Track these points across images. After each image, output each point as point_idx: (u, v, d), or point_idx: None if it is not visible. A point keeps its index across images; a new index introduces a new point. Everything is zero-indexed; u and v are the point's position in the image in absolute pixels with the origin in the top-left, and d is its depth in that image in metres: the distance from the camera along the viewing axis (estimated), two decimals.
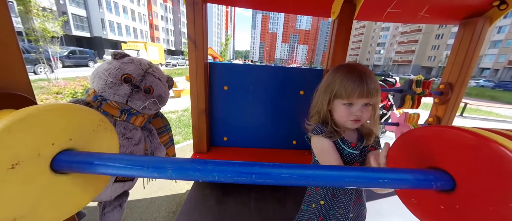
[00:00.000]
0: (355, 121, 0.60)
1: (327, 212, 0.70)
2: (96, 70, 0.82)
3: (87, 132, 0.33)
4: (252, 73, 1.49)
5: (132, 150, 0.87)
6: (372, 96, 0.57)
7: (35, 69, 8.67)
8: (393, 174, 0.28)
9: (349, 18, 1.38)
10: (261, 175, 0.27)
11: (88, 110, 0.34)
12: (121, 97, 0.79)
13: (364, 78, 0.56)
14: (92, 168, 0.28)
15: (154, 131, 1.01)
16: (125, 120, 0.84)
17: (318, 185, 0.28)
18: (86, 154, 0.30)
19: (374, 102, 0.60)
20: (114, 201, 0.97)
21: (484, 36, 1.52)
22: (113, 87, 0.77)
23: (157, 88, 0.89)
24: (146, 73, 0.86)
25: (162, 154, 1.04)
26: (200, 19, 1.26)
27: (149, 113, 0.92)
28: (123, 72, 0.80)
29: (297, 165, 0.29)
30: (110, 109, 0.80)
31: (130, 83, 0.81)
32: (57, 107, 0.29)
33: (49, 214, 0.27)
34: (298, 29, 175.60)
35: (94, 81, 0.80)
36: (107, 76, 0.77)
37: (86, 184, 0.32)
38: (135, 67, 0.83)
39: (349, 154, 0.64)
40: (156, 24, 43.50)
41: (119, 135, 0.81)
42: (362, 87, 0.56)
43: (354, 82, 0.56)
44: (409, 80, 1.64)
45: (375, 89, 0.57)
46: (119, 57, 0.84)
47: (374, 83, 0.57)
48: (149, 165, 0.27)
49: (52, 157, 0.28)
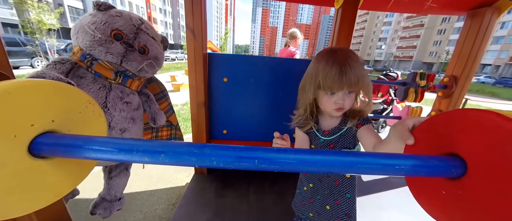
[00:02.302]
0: (338, 109, 0.61)
1: (316, 194, 0.75)
2: (78, 22, 0.70)
3: (73, 114, 0.30)
4: (253, 64, 1.45)
5: (133, 115, 0.81)
6: (352, 85, 0.56)
7: (32, 62, 8.54)
8: (397, 160, 0.25)
9: (353, 8, 1.33)
10: (265, 160, 0.24)
11: (75, 89, 0.31)
12: (115, 56, 0.70)
13: (344, 68, 0.55)
14: (76, 152, 0.25)
15: (152, 96, 0.94)
16: (121, 83, 0.75)
17: (326, 171, 0.25)
18: (69, 136, 0.27)
19: (359, 89, 0.60)
20: (120, 165, 0.94)
21: (492, 28, 1.47)
22: (104, 45, 0.67)
23: (152, 48, 0.80)
24: (138, 29, 0.76)
25: (163, 120, 0.96)
26: (199, 8, 1.21)
27: (146, 76, 0.84)
28: (112, 27, 0.69)
29: (304, 150, 0.26)
30: (103, 70, 0.70)
31: (122, 41, 0.71)
32: (38, 84, 0.26)
33: (24, 202, 0.25)
34: (299, 23, 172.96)
35: (78, 36, 0.68)
36: (94, 30, 0.66)
37: (69, 169, 0.29)
38: (126, 22, 0.72)
39: (325, 142, 0.69)
40: (154, 17, 42.74)
41: (117, 99, 0.74)
42: (341, 79, 0.55)
43: (334, 74, 0.55)
44: (413, 73, 1.60)
45: (357, 77, 0.56)
46: (103, 9, 0.71)
47: (355, 71, 0.56)
48: (139, 149, 0.25)
49: (30, 139, 0.25)
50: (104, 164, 0.89)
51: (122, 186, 0.97)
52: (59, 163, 0.28)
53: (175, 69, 11.62)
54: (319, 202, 0.73)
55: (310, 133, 0.73)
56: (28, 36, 7.50)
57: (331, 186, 0.70)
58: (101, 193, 0.94)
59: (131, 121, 0.80)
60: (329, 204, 0.71)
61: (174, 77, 6.51)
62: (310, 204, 0.77)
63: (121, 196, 0.97)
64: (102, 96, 0.71)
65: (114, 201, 0.93)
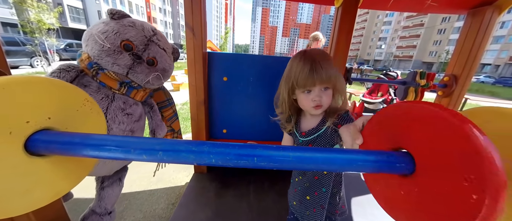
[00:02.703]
0: (316, 107, 0.62)
1: (303, 184, 0.78)
2: (89, 30, 0.69)
3: (70, 112, 0.30)
4: (253, 63, 1.44)
5: (133, 127, 0.79)
6: (324, 81, 0.58)
7: (31, 62, 8.53)
8: (350, 155, 0.25)
9: (353, 6, 1.32)
10: (264, 158, 0.24)
11: (72, 87, 0.30)
12: (121, 68, 0.69)
13: (314, 66, 0.57)
14: (73, 150, 0.25)
15: (156, 107, 0.92)
16: (125, 93, 0.74)
17: (327, 169, 0.25)
18: (65, 134, 0.26)
19: (333, 85, 0.61)
20: (113, 175, 0.91)
21: (492, 27, 1.47)
22: (112, 55, 0.66)
23: (162, 60, 0.79)
24: (149, 41, 0.74)
25: (163, 132, 0.94)
26: (198, 5, 1.20)
27: (152, 87, 0.83)
28: (123, 37, 0.68)
29: (304, 148, 0.25)
30: (107, 80, 0.69)
31: (131, 52, 0.70)
32: (34, 80, 0.26)
33: (22, 201, 0.24)
34: (299, 23, 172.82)
35: (88, 44, 0.68)
36: (104, 40, 0.65)
37: (67, 168, 0.29)
38: (137, 33, 0.71)
39: (303, 142, 0.70)
40: (154, 17, 42.67)
41: (119, 110, 0.73)
42: (312, 76, 0.57)
43: (305, 72, 0.58)
44: (413, 72, 1.60)
45: (328, 74, 0.58)
46: (117, 17, 0.70)
47: (326, 68, 0.58)
48: (136, 147, 0.24)
49: (26, 136, 0.25)
50: (96, 174, 0.86)
51: (114, 198, 0.92)
52: (57, 161, 0.27)
53: (175, 68, 11.59)
54: (301, 193, 0.78)
55: (292, 133, 0.77)
56: (27, 35, 7.48)
57: (311, 180, 0.75)
58: (91, 205, 0.90)
59: (129, 134, 0.78)
60: (309, 195, 0.75)
61: (174, 77, 6.51)
62: (295, 193, 0.82)
63: (111, 210, 0.92)
64: (103, 107, 0.71)
65: (104, 214, 0.88)
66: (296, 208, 0.80)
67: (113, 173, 0.91)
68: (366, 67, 24.47)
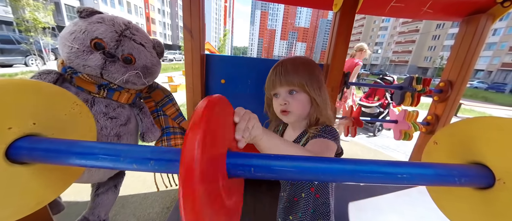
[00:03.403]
0: (282, 112, 0.57)
1: (284, 203, 0.72)
2: (60, 34, 0.65)
3: (57, 116, 0.28)
4: (251, 66, 1.44)
5: (119, 132, 0.74)
6: (286, 83, 0.55)
7: (26, 60, 8.37)
8: (421, 169, 0.24)
9: (351, 11, 1.33)
10: (260, 168, 0.23)
11: (59, 90, 0.29)
12: (93, 69, 0.63)
13: (279, 67, 0.56)
14: (57, 158, 0.23)
15: (146, 109, 0.86)
16: (106, 97, 0.70)
17: (328, 180, 0.24)
18: (49, 140, 0.25)
19: (303, 89, 0.55)
20: (108, 181, 0.87)
21: (486, 34, 1.50)
22: (80, 57, 0.61)
23: (141, 56, 0.72)
24: (121, 36, 0.67)
25: (154, 136, 0.87)
26: (197, 8, 1.19)
27: (135, 88, 0.76)
28: (92, 35, 0.62)
29: (304, 157, 0.24)
30: (84, 84, 0.65)
31: (103, 51, 0.64)
32: (17, 84, 0.24)
33: (4, 210, 0.22)
34: (297, 27, 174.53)
35: (60, 48, 0.64)
36: (72, 42, 0.60)
37: (51, 177, 0.27)
38: (106, 29, 0.64)
39: None
40: (152, 18, 42.57)
41: (100, 115, 0.68)
42: (274, 76, 0.56)
43: (273, 72, 0.57)
44: (410, 77, 1.62)
45: (293, 76, 0.54)
46: (85, 15, 0.65)
47: (293, 71, 0.54)
48: (127, 155, 0.23)
49: (8, 144, 0.23)
50: (90, 182, 0.82)
51: (108, 205, 0.89)
52: (41, 169, 0.26)
53: (173, 69, 11.55)
54: (283, 211, 0.71)
55: None
56: (22, 34, 7.36)
57: (291, 200, 0.67)
58: (84, 213, 0.86)
59: (115, 138, 0.73)
60: (291, 215, 0.68)
61: (172, 78, 6.47)
62: (279, 209, 0.76)
63: (105, 218, 0.89)
64: None
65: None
66: None
67: (108, 179, 0.87)
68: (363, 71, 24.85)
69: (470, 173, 0.25)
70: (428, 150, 0.38)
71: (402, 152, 2.97)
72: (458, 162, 0.31)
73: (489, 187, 0.25)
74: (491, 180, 0.25)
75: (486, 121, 0.27)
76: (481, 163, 0.27)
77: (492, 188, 0.25)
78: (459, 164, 0.29)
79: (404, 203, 1.42)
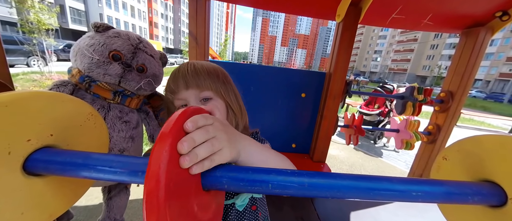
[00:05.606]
0: None
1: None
2: (76, 45, 0.72)
3: (73, 127, 0.28)
4: (253, 73, 1.45)
5: (132, 134, 0.80)
6: (198, 86, 0.44)
7: (28, 61, 8.41)
8: (434, 187, 0.24)
9: (354, 22, 1.36)
10: (279, 184, 0.23)
11: (77, 101, 0.29)
12: (113, 77, 0.71)
13: (182, 69, 0.45)
14: (75, 171, 0.23)
15: (151, 113, 0.94)
16: (120, 102, 0.77)
17: (345, 197, 0.24)
18: (67, 153, 0.25)
19: (211, 91, 0.46)
20: (119, 183, 0.91)
21: (486, 46, 1.53)
22: (102, 67, 0.68)
23: (151, 66, 0.82)
24: (136, 49, 0.77)
25: None
26: (203, 15, 1.22)
27: (144, 94, 0.86)
28: (110, 48, 0.70)
29: (324, 174, 0.24)
30: (101, 91, 0.71)
31: (120, 61, 0.72)
32: (38, 96, 0.24)
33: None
34: (298, 34, 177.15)
35: (77, 59, 0.70)
36: (92, 53, 0.67)
37: (63, 189, 0.27)
38: (123, 42, 0.74)
39: None
40: (155, 22, 43.18)
41: (116, 119, 0.75)
42: (174, 76, 0.45)
43: (179, 72, 0.46)
44: (411, 87, 1.63)
45: (197, 78, 0.44)
46: (102, 30, 0.73)
47: (196, 72, 0.45)
48: (143, 169, 0.23)
49: (26, 156, 0.23)
50: (101, 185, 0.86)
51: (123, 207, 0.93)
52: (55, 181, 0.26)
53: None
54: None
55: None
56: (26, 35, 7.43)
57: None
58: (100, 218, 0.90)
59: (130, 140, 0.80)
60: None
61: None
62: None
63: (121, 219, 0.93)
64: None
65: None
66: None
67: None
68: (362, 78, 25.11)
69: (483, 191, 0.26)
70: (438, 165, 0.38)
71: (403, 161, 2.96)
72: (468, 179, 0.32)
73: (501, 205, 0.25)
74: (503, 199, 0.25)
75: (497, 140, 0.28)
76: (492, 180, 0.27)
77: (504, 207, 0.25)
78: (471, 182, 0.29)
79: (404, 214, 1.40)
